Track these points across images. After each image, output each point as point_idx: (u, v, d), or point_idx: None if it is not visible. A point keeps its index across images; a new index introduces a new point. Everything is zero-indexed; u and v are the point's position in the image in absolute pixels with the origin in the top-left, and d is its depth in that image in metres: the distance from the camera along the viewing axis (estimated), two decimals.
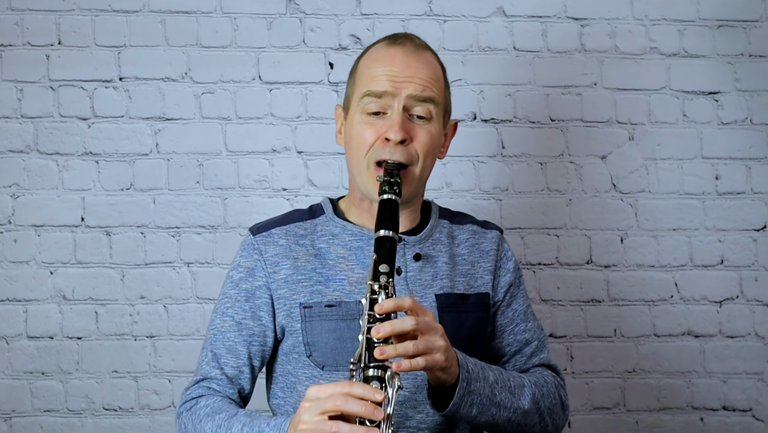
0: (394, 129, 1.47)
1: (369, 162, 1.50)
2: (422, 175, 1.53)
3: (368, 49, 1.60)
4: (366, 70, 1.53)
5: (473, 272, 1.59)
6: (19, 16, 2.24)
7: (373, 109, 1.49)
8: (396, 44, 1.54)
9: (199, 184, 2.25)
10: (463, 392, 1.38)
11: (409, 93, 1.48)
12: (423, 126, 1.51)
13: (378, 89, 1.48)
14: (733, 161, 2.33)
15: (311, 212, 1.60)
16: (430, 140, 1.51)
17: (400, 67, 1.50)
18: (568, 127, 2.31)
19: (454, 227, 1.63)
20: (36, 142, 2.23)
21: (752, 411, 2.31)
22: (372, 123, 1.50)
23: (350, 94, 1.57)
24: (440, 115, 1.54)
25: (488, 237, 1.63)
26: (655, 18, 2.33)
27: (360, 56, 1.60)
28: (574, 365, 2.29)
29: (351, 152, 1.53)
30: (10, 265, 2.21)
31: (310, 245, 1.55)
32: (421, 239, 1.57)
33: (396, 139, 1.47)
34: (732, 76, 2.34)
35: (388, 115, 1.49)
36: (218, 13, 2.27)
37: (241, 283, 1.55)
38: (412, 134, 1.49)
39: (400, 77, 1.49)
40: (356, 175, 1.53)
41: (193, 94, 2.26)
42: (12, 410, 2.20)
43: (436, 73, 1.54)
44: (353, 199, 1.59)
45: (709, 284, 2.31)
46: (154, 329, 2.23)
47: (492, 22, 2.31)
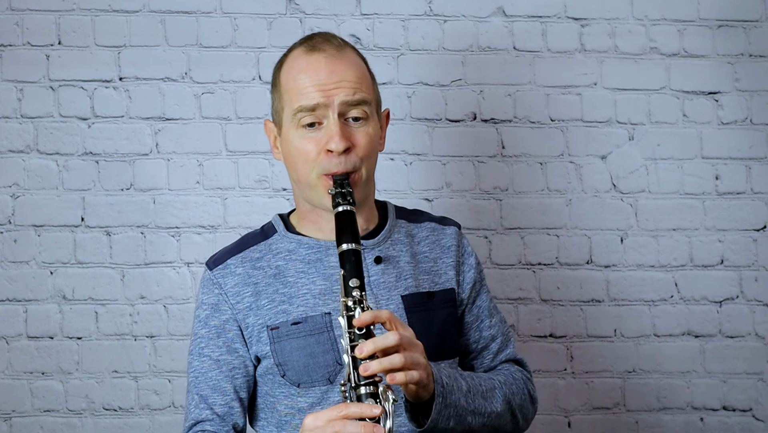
0: (335, 140, 1.45)
1: (317, 176, 1.48)
2: (369, 175, 1.53)
3: (286, 57, 1.56)
4: (291, 83, 1.50)
5: (436, 269, 1.58)
6: (19, 16, 2.24)
7: (308, 121, 1.48)
8: (316, 50, 1.51)
9: (199, 184, 2.25)
10: (440, 408, 1.38)
11: (341, 100, 1.47)
12: (361, 128, 1.50)
13: (310, 103, 1.47)
14: (733, 161, 2.33)
15: (263, 233, 1.60)
16: (370, 142, 1.50)
17: (326, 74, 1.48)
18: (568, 127, 2.31)
19: (411, 225, 1.63)
20: (36, 142, 2.23)
21: (752, 411, 2.31)
22: (310, 137, 1.48)
23: (279, 109, 1.54)
24: (374, 112, 1.53)
25: (447, 233, 1.63)
26: (655, 18, 2.33)
27: (279, 66, 1.57)
28: (574, 365, 2.29)
29: (296, 168, 1.52)
30: (10, 265, 2.21)
31: (267, 266, 1.54)
32: (380, 241, 1.56)
33: (339, 150, 1.46)
34: (732, 76, 2.34)
35: (324, 126, 1.48)
36: (218, 13, 2.27)
37: (209, 320, 1.54)
38: (353, 140, 1.48)
39: (329, 85, 1.47)
40: (305, 189, 1.52)
41: (193, 94, 2.26)
42: (12, 410, 2.20)
43: (362, 70, 1.53)
44: (303, 213, 1.58)
45: (709, 284, 2.31)
46: (154, 329, 2.22)
47: (492, 22, 2.31)
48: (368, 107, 1.50)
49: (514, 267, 2.28)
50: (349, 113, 1.49)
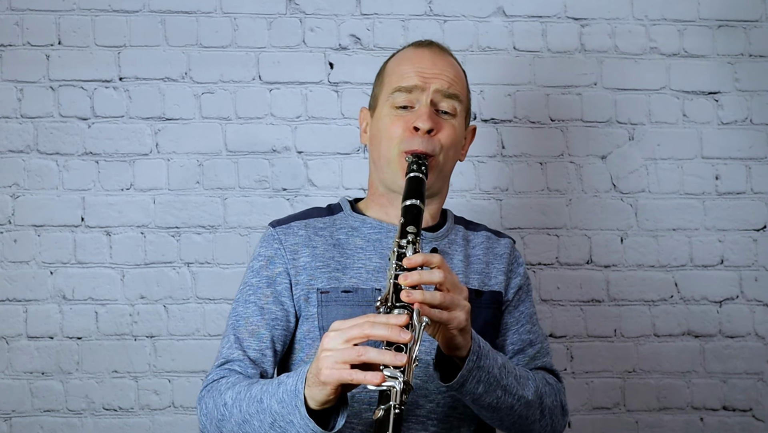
0: (422, 118, 1.54)
1: (398, 152, 1.55)
2: (444, 166, 1.59)
3: (396, 53, 1.68)
4: (395, 68, 1.61)
5: (487, 271, 1.62)
6: (19, 16, 2.24)
7: (401, 102, 1.57)
8: (423, 46, 1.63)
9: (199, 184, 2.25)
10: (472, 366, 1.37)
11: (436, 88, 1.56)
12: (448, 120, 1.58)
13: (408, 84, 1.56)
14: (733, 161, 2.33)
15: (329, 210, 1.66)
16: (453, 134, 1.58)
17: (428, 64, 1.58)
18: (568, 127, 2.31)
19: (468, 232, 1.68)
20: (36, 142, 2.23)
21: (752, 411, 2.31)
22: (401, 116, 1.57)
23: (378, 93, 1.63)
24: (463, 114, 1.62)
25: (502, 243, 1.68)
26: (655, 18, 2.33)
27: (387, 60, 1.68)
28: (574, 365, 2.29)
29: (379, 145, 1.59)
30: (10, 265, 2.21)
31: (329, 236, 1.59)
32: (439, 237, 1.62)
33: (424, 128, 1.53)
34: (732, 76, 2.34)
35: (415, 109, 1.56)
36: (218, 13, 2.27)
37: (262, 270, 1.57)
38: (438, 125, 1.56)
39: (428, 73, 1.57)
40: (384, 166, 1.58)
41: (193, 94, 2.26)
42: (12, 410, 2.20)
43: (460, 74, 1.63)
44: (373, 196, 1.64)
45: (709, 284, 2.31)
46: (154, 329, 2.23)
47: (492, 22, 2.31)
48: (459, 105, 1.59)
49: None
50: (441, 104, 1.58)
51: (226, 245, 2.23)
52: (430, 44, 1.65)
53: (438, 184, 1.61)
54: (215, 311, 2.22)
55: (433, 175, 1.56)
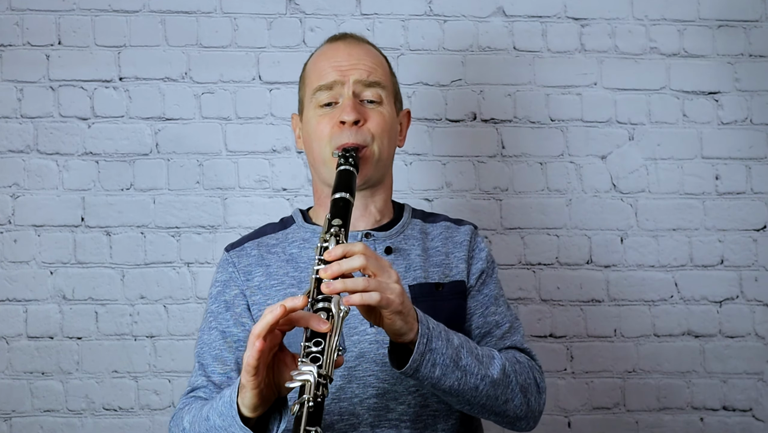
0: (346, 111, 1.54)
1: (330, 150, 1.55)
2: (381, 155, 1.57)
3: (313, 53, 1.69)
4: (313, 67, 1.62)
5: (447, 262, 1.59)
6: (19, 16, 2.24)
7: (325, 100, 1.57)
8: (337, 40, 1.64)
9: (199, 184, 2.25)
10: (423, 349, 1.33)
11: (356, 78, 1.56)
12: (374, 108, 1.58)
13: (327, 81, 1.56)
14: (733, 161, 2.33)
15: (282, 224, 1.66)
16: (383, 120, 1.57)
17: (344, 56, 1.58)
18: (568, 127, 2.31)
19: (427, 224, 1.66)
20: (36, 142, 2.23)
21: (752, 411, 2.31)
22: (326, 114, 1.56)
23: (302, 97, 1.64)
24: (390, 100, 1.61)
25: (461, 231, 1.65)
26: (655, 18, 2.33)
27: (306, 61, 1.68)
28: (574, 365, 2.29)
29: (312, 147, 1.59)
30: (10, 265, 2.21)
31: (281, 252, 1.58)
32: (392, 234, 1.60)
33: (350, 120, 1.53)
34: (732, 76, 2.34)
35: (339, 104, 1.56)
36: (218, 13, 2.27)
37: (220, 296, 1.57)
38: (365, 115, 1.56)
39: (345, 65, 1.57)
40: (320, 167, 1.58)
41: (193, 94, 2.26)
42: (12, 410, 2.20)
43: (379, 59, 1.63)
44: (320, 201, 1.63)
45: (709, 284, 2.31)
46: (154, 329, 2.23)
47: (492, 22, 2.31)
48: (383, 91, 1.58)
49: (514, 267, 2.28)
50: (364, 94, 1.57)
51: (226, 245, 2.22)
52: (343, 36, 1.65)
53: (378, 174, 1.59)
54: None
55: (370, 165, 1.55)
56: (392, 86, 1.63)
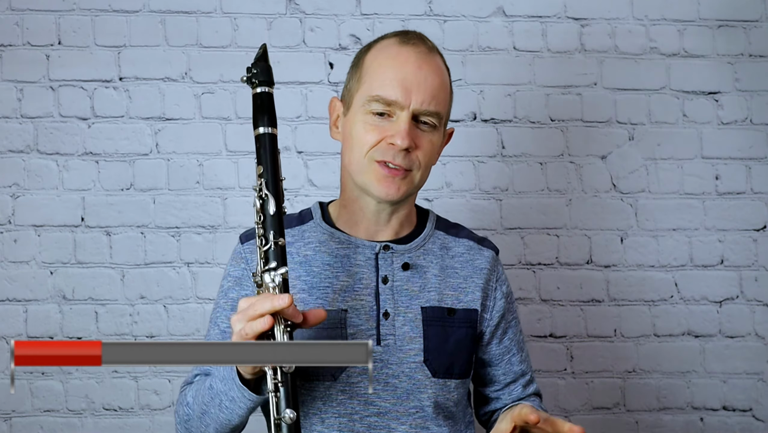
0: (401, 135, 1.45)
1: (370, 160, 1.48)
2: (421, 182, 1.53)
3: (377, 42, 1.54)
4: (376, 69, 1.49)
5: (464, 286, 1.56)
6: (19, 16, 2.24)
7: (379, 110, 1.47)
8: (408, 44, 1.50)
9: (199, 184, 2.25)
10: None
11: (417, 106, 1.46)
12: (427, 134, 1.49)
13: (388, 97, 1.45)
14: (733, 161, 2.33)
15: (300, 218, 1.59)
16: (432, 149, 1.51)
17: (412, 70, 1.46)
18: (568, 127, 2.31)
19: (449, 238, 1.61)
20: (36, 142, 2.23)
21: (752, 411, 2.31)
22: (377, 125, 1.47)
23: (353, 90, 1.52)
24: (443, 124, 1.54)
25: (484, 255, 1.61)
26: (655, 18, 2.33)
27: (367, 48, 1.55)
28: (574, 365, 2.29)
29: (351, 150, 1.50)
30: (10, 265, 2.21)
31: (296, 252, 1.53)
32: (412, 248, 1.55)
33: (402, 147, 1.45)
34: (732, 76, 2.34)
35: (394, 120, 1.46)
36: (218, 13, 2.27)
37: (229, 292, 1.55)
38: (417, 142, 1.48)
39: (411, 83, 1.46)
40: (355, 173, 1.50)
41: (193, 94, 2.26)
42: (12, 410, 2.20)
43: (444, 80, 1.52)
44: (344, 201, 1.57)
45: (709, 284, 2.31)
46: (154, 329, 2.23)
47: (492, 22, 2.31)
48: (439, 119, 1.50)
49: (514, 267, 2.28)
50: (421, 117, 1.48)
51: (226, 245, 2.23)
52: (415, 42, 1.50)
53: (410, 195, 1.55)
54: None
55: (408, 191, 1.50)
56: (448, 109, 1.55)
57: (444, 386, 1.50)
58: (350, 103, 1.52)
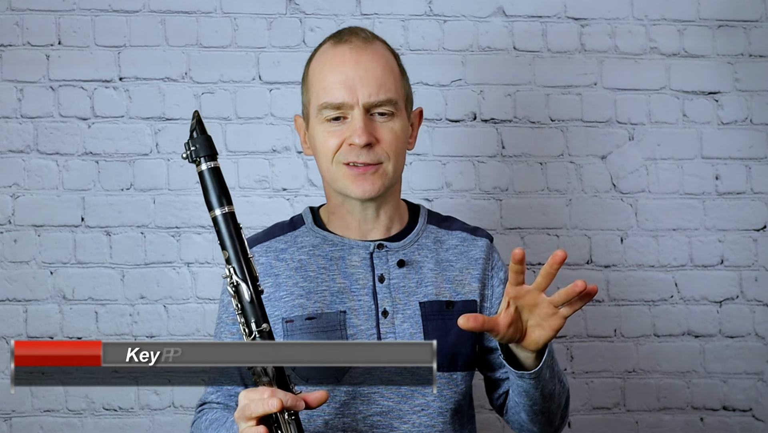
0: (357, 133, 1.45)
1: (338, 164, 1.49)
2: (395, 172, 1.52)
3: (315, 51, 1.57)
4: (317, 76, 1.51)
5: (461, 278, 1.56)
6: (19, 16, 2.24)
7: (332, 116, 1.48)
8: (341, 43, 1.51)
9: (198, 185, 2.25)
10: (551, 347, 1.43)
11: (365, 99, 1.46)
12: (386, 123, 1.49)
13: (334, 100, 1.46)
14: (733, 161, 2.33)
15: (291, 224, 1.60)
16: (395, 138, 1.50)
17: (351, 67, 1.47)
18: (568, 127, 2.31)
19: (442, 231, 1.61)
20: (36, 142, 2.23)
21: (752, 411, 2.31)
22: (334, 130, 1.48)
23: (306, 103, 1.54)
24: (402, 108, 1.52)
25: (478, 245, 1.61)
26: (655, 18, 2.33)
27: (309, 59, 1.57)
28: (574, 365, 2.29)
29: (320, 160, 1.53)
30: (10, 265, 2.21)
31: (290, 258, 1.54)
32: (406, 245, 1.56)
33: (360, 143, 1.46)
34: (732, 76, 2.34)
35: (349, 120, 1.47)
36: (218, 13, 2.27)
37: (229, 306, 1.54)
38: (377, 135, 1.48)
39: (354, 80, 1.46)
40: (331, 181, 1.53)
41: (193, 94, 2.26)
42: (12, 410, 2.20)
43: (389, 64, 1.51)
44: (332, 207, 1.58)
45: (709, 284, 2.31)
46: (154, 329, 2.23)
47: (492, 22, 2.31)
48: (395, 105, 1.50)
49: None
50: (375, 109, 1.48)
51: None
52: (348, 39, 1.51)
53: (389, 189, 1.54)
54: (215, 311, 2.22)
55: (384, 183, 1.50)
56: (404, 91, 1.54)
57: (450, 379, 1.51)
58: (308, 116, 1.55)
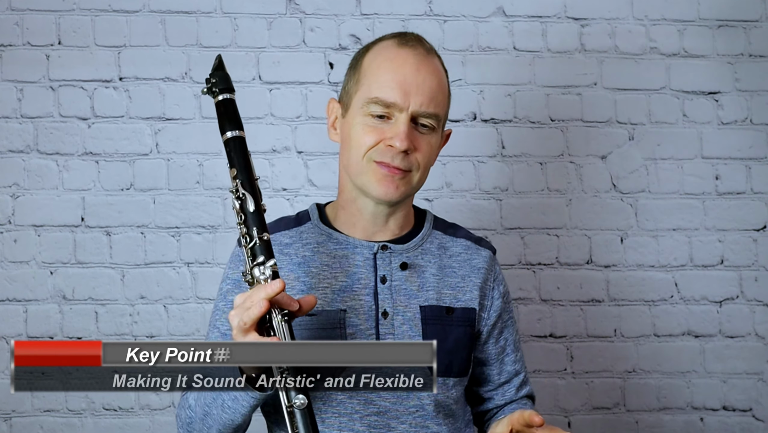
0: (400, 137, 1.45)
1: (369, 161, 1.48)
2: (419, 183, 1.53)
3: (375, 44, 1.55)
4: (374, 71, 1.50)
5: (462, 285, 1.57)
6: (19, 16, 2.24)
7: (378, 113, 1.48)
8: (407, 46, 1.51)
9: (199, 184, 2.25)
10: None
11: (416, 108, 1.47)
12: (425, 136, 1.50)
13: (387, 99, 1.46)
14: (733, 161, 2.33)
15: (297, 220, 1.60)
16: (430, 150, 1.52)
17: (411, 72, 1.47)
18: (568, 127, 2.31)
19: (447, 238, 1.62)
20: (36, 142, 2.23)
21: (752, 411, 2.31)
22: (375, 126, 1.48)
23: (351, 92, 1.53)
24: (441, 125, 1.55)
25: (481, 255, 1.61)
26: (655, 18, 2.33)
27: (365, 50, 1.55)
28: (574, 365, 2.29)
29: (349, 151, 1.51)
30: (10, 265, 2.21)
31: (294, 254, 1.54)
32: (410, 248, 1.56)
33: (401, 149, 1.46)
34: (732, 76, 2.34)
35: (392, 122, 1.47)
36: (218, 13, 2.27)
37: (228, 295, 1.55)
38: (416, 144, 1.49)
39: (410, 85, 1.46)
40: (354, 174, 1.51)
41: (193, 94, 2.26)
42: (12, 410, 2.20)
43: (442, 82, 1.53)
44: (343, 202, 1.57)
45: (709, 284, 2.31)
46: (154, 329, 2.23)
47: (492, 22, 2.31)
48: (437, 121, 1.51)
49: (514, 267, 2.28)
50: (420, 119, 1.49)
51: (226, 245, 2.23)
52: (413, 44, 1.51)
53: (408, 196, 1.55)
54: None
55: (406, 192, 1.51)
56: (447, 110, 1.56)
57: (443, 384, 1.51)
58: (349, 104, 1.53)
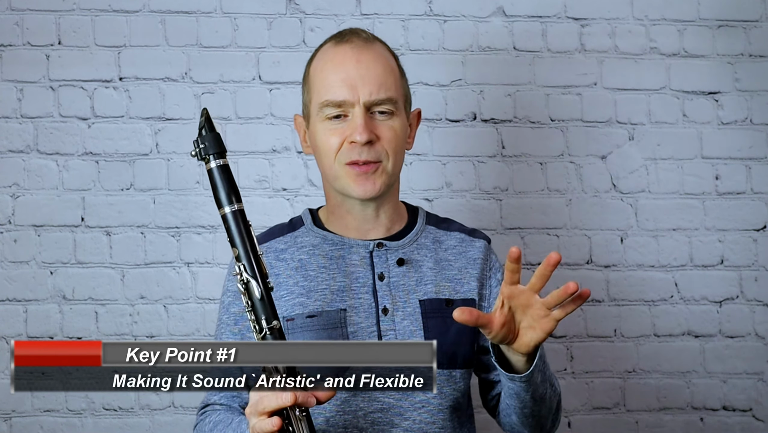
0: (358, 131, 1.48)
1: (340, 164, 1.51)
2: (394, 170, 1.54)
3: (317, 51, 1.60)
4: (319, 74, 1.54)
5: (459, 277, 1.58)
6: (19, 16, 2.24)
7: (333, 114, 1.51)
8: (343, 42, 1.54)
9: (199, 184, 2.25)
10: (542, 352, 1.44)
11: (366, 98, 1.49)
12: (386, 122, 1.51)
13: (336, 98, 1.49)
14: (733, 161, 2.33)
15: (291, 225, 1.62)
16: (395, 136, 1.52)
17: (352, 66, 1.50)
18: (568, 127, 2.31)
19: (440, 232, 1.63)
20: (36, 142, 2.23)
21: (752, 411, 2.31)
22: (335, 128, 1.50)
23: (307, 102, 1.57)
24: (402, 108, 1.55)
25: (476, 246, 1.63)
26: (655, 18, 2.33)
27: (310, 60, 1.60)
28: (574, 365, 2.29)
29: (321, 159, 1.55)
30: (10, 265, 2.21)
31: (290, 258, 1.56)
32: (405, 244, 1.58)
33: (362, 141, 1.48)
34: (732, 76, 2.34)
35: (349, 118, 1.50)
36: (218, 13, 2.27)
37: (230, 307, 1.57)
38: (378, 133, 1.51)
39: (355, 78, 1.49)
40: (332, 180, 1.54)
41: (193, 94, 2.26)
42: (12, 410, 2.20)
43: (389, 65, 1.54)
44: (331, 207, 1.60)
45: (709, 284, 2.31)
46: (154, 329, 2.23)
47: (492, 22, 2.31)
48: (395, 104, 1.53)
49: None
50: (376, 107, 1.51)
51: (226, 245, 2.21)
52: (349, 38, 1.54)
53: (388, 188, 1.56)
54: (215, 311, 2.22)
55: (383, 182, 1.52)
56: (403, 91, 1.57)
57: (450, 376, 1.52)
58: (309, 115, 1.57)
